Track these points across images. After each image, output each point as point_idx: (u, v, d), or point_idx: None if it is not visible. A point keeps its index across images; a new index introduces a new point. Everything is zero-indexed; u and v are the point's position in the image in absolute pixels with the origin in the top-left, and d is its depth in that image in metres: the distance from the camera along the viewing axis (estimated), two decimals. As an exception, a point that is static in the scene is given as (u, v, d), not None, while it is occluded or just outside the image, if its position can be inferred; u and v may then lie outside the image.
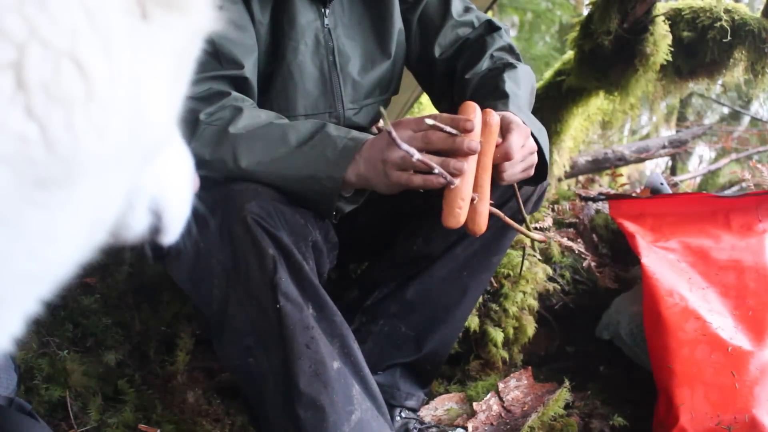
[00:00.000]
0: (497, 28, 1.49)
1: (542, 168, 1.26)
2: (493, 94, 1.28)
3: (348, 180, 1.12)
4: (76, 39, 0.37)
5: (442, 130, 1.05)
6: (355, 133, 1.15)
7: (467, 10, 1.52)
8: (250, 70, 1.25)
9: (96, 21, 0.37)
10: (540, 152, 1.23)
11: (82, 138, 0.38)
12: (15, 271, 0.40)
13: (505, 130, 1.13)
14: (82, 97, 0.37)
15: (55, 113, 0.36)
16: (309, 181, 1.13)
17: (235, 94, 1.21)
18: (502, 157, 1.12)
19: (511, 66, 1.38)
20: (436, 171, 1.03)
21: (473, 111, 1.08)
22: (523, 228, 1.32)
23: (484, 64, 1.41)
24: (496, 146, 1.11)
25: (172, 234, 0.54)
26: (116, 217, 0.46)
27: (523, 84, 1.35)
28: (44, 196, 0.38)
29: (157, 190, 0.51)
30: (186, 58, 0.45)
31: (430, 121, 1.06)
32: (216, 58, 1.20)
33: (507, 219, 1.23)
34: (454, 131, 1.05)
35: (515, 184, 1.26)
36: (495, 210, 1.18)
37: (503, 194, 1.34)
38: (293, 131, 1.15)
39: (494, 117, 1.10)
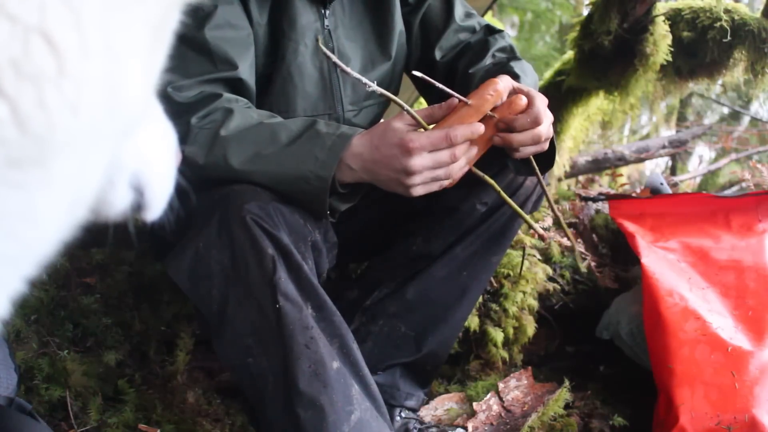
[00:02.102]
0: (498, 30, 1.51)
1: (549, 154, 1.28)
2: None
3: (341, 178, 1.13)
4: (46, 13, 0.35)
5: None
6: (345, 128, 1.14)
7: (468, 15, 1.53)
8: (247, 70, 1.23)
9: None
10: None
11: (56, 115, 0.37)
12: None
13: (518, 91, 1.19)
14: (53, 73, 0.36)
15: (26, 91, 0.35)
16: (299, 181, 1.11)
17: (227, 95, 1.18)
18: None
19: (516, 58, 1.41)
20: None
21: (491, 85, 1.15)
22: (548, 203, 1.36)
23: (488, 60, 1.42)
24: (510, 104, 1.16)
25: (155, 210, 0.53)
26: (97, 194, 0.45)
27: (529, 73, 1.37)
28: (19, 175, 0.37)
29: (138, 166, 0.50)
30: (162, 31, 0.43)
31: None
32: (210, 59, 1.18)
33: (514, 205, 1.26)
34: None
35: (532, 158, 1.26)
36: (504, 195, 1.20)
37: (509, 185, 1.36)
38: (284, 130, 1.13)
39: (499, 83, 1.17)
